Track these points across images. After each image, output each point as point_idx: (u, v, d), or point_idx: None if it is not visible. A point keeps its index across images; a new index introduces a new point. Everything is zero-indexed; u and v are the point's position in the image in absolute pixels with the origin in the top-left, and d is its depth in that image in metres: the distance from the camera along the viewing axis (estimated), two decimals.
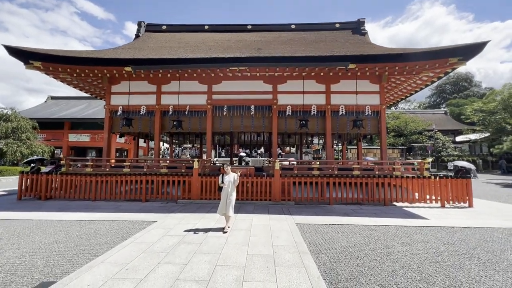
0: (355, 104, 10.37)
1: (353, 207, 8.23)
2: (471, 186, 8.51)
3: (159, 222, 6.17)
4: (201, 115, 10.87)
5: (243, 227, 5.77)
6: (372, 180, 8.72)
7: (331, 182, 8.72)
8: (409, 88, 11.51)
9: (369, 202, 8.64)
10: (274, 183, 8.60)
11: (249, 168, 9.10)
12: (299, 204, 8.61)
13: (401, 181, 8.66)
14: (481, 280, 3.38)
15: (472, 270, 3.67)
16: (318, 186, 8.83)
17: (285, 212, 7.33)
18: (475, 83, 63.78)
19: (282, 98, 10.73)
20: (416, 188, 8.59)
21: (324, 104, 10.60)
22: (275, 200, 8.53)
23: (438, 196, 8.49)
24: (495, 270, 3.70)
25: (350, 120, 10.52)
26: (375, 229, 5.73)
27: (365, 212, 7.42)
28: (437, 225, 6.12)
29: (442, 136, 30.75)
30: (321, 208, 8.04)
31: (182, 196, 8.86)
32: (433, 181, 8.58)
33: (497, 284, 3.28)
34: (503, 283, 3.32)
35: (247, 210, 7.56)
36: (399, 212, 7.56)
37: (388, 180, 8.67)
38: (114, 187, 9.08)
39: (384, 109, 10.69)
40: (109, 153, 10.98)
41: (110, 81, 11.02)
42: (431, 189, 8.55)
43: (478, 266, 3.83)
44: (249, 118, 10.86)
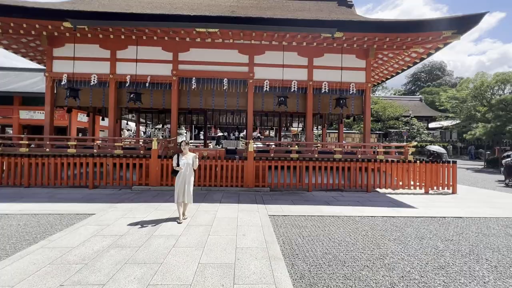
0: (339, 81, 9.35)
1: (334, 194, 7.42)
2: (456, 172, 8.03)
3: (97, 215, 4.86)
4: (165, 88, 9.30)
5: (203, 221, 4.65)
6: (355, 164, 7.92)
7: (311, 166, 7.81)
8: (396, 67, 10.69)
9: (350, 188, 7.88)
10: (247, 167, 7.51)
11: (219, 150, 7.90)
12: (275, 191, 7.65)
13: (385, 165, 7.95)
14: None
15: (487, 280, 2.87)
16: (297, 171, 7.89)
17: (258, 200, 6.32)
18: (448, 73, 66.25)
19: (260, 71, 9.43)
20: (400, 174, 7.95)
21: (305, 80, 9.48)
22: (248, 186, 7.49)
23: (423, 182, 7.93)
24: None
25: (333, 98, 9.52)
26: (361, 221, 4.88)
27: (347, 200, 6.61)
28: (427, 215, 5.43)
29: (417, 122, 31.36)
30: (300, 195, 7.14)
31: (139, 181, 7.51)
32: (418, 165, 7.96)
33: None
34: None
35: (214, 198, 6.44)
36: (383, 199, 6.85)
37: (372, 164, 7.92)
38: (54, 170, 7.49)
39: (370, 87, 9.81)
40: (52, 132, 9.18)
41: (50, 42, 8.99)
42: (415, 174, 7.95)
43: (491, 272, 3.05)
44: (221, 93, 9.50)
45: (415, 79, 64.57)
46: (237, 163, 7.60)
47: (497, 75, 27.28)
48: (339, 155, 8.50)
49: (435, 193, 7.86)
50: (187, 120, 16.10)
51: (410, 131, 29.80)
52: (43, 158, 7.56)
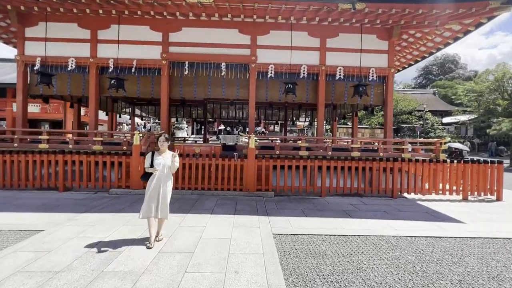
0: (358, 66, 7.95)
1: (352, 200, 6.10)
2: (502, 174, 6.61)
3: (45, 233, 3.66)
4: (153, 74, 8.03)
5: (183, 245, 3.40)
6: (377, 164, 6.56)
7: (324, 166, 6.48)
8: (422, 50, 9.16)
9: (372, 193, 6.54)
10: (248, 167, 6.23)
11: (214, 146, 6.63)
12: (280, 195, 6.37)
13: (414, 165, 6.57)
14: None
15: None
16: (307, 172, 6.58)
17: (260, 210, 5.04)
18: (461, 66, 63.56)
19: (263, 54, 8.07)
20: (430, 176, 6.56)
21: (317, 64, 8.08)
22: (248, 190, 6.22)
23: (460, 186, 6.54)
24: None
25: (349, 86, 8.14)
26: (399, 245, 3.57)
27: (371, 210, 5.29)
28: (484, 234, 4.08)
29: (431, 116, 29.57)
30: (311, 202, 5.84)
31: (118, 183, 6.31)
32: (453, 166, 6.57)
33: None
34: None
35: (205, 206, 5.19)
36: (416, 209, 5.51)
37: (398, 164, 6.55)
38: (19, 170, 6.33)
39: (393, 73, 8.37)
40: (25, 125, 8.03)
41: (21, 20, 7.75)
42: (451, 176, 6.56)
43: None
44: (219, 80, 8.18)
45: (426, 72, 62.16)
46: (236, 162, 6.33)
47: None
48: (357, 153, 7.14)
49: (476, 200, 6.47)
50: (185, 113, 14.82)
51: (424, 126, 28.09)
52: (12, 155, 6.40)
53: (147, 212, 3.35)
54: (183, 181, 6.22)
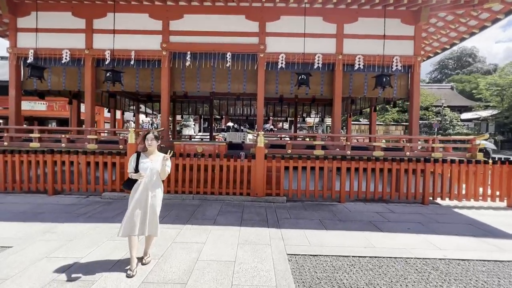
0: (379, 55, 7.04)
1: (376, 207, 5.27)
2: None
3: (10, 251, 3.02)
4: (153, 66, 7.38)
5: (174, 271, 2.68)
6: (406, 164, 5.68)
7: (344, 167, 5.65)
8: (453, 36, 8.08)
9: (399, 199, 5.68)
10: (256, 168, 5.48)
11: (218, 145, 5.90)
12: (293, 201, 5.59)
13: (449, 167, 5.66)
14: None
15: None
16: (324, 174, 5.76)
17: (271, 220, 4.30)
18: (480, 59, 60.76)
19: (273, 42, 7.27)
20: (467, 179, 5.63)
21: (333, 53, 7.22)
22: (257, 195, 5.47)
23: (504, 191, 5.59)
24: None
25: (370, 77, 7.26)
26: (452, 274, 2.75)
27: (402, 220, 4.46)
28: None
29: (450, 112, 27.98)
30: (329, 209, 5.04)
31: (112, 186, 5.68)
32: (497, 167, 5.62)
33: None
34: None
35: (207, 215, 4.48)
36: (456, 219, 4.63)
37: (431, 166, 5.65)
38: (4, 171, 5.80)
39: (419, 62, 7.41)
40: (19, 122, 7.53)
41: (12, 10, 7.22)
42: (493, 180, 5.61)
43: None
44: (224, 73, 7.44)
45: (442, 66, 59.80)
46: (242, 162, 5.59)
47: None
48: (380, 152, 6.28)
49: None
50: (191, 110, 14.17)
51: (441, 122, 26.60)
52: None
53: (129, 229, 2.67)
54: (183, 185, 5.54)
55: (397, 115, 27.03)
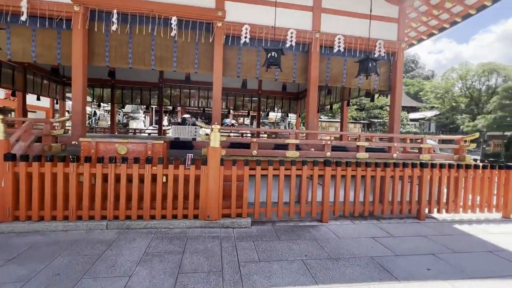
0: (363, 37, 5.87)
1: (369, 228, 4.01)
2: None
3: None
4: (60, 27, 5.07)
5: None
6: (402, 171, 4.53)
7: (327, 174, 4.26)
8: (444, 18, 7.08)
9: (392, 213, 4.52)
10: (208, 178, 3.76)
11: (153, 144, 3.99)
12: (262, 223, 4.03)
13: (448, 173, 4.69)
14: None
15: None
16: (302, 183, 4.32)
17: (228, 270, 2.64)
18: (420, 66, 67.65)
19: (235, 9, 5.56)
20: (456, 185, 4.73)
21: (310, 30, 5.81)
22: (209, 218, 3.77)
23: (499, 200, 4.85)
24: None
25: (350, 63, 6.07)
26: None
27: (409, 251, 3.22)
28: None
29: (401, 112, 29.66)
30: (311, 236, 3.59)
31: None
32: (492, 173, 4.83)
33: None
34: None
35: (120, 262, 2.64)
36: (469, 243, 3.58)
37: (428, 172, 4.60)
38: None
39: (403, 49, 6.47)
40: None
41: None
42: (490, 187, 4.82)
43: None
44: (168, 45, 5.49)
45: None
46: (188, 169, 3.81)
47: (482, 65, 26.12)
48: (364, 154, 5.09)
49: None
50: (136, 98, 11.55)
51: None
52: None
53: None
54: (92, 205, 3.54)
55: (356, 113, 27.65)
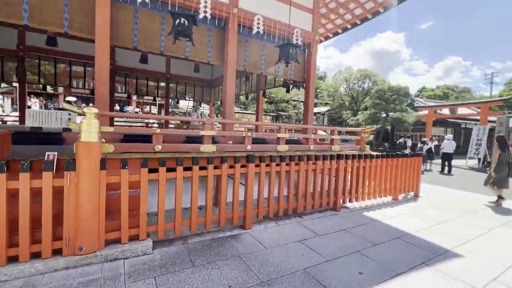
0: (283, 22, 5.51)
1: (294, 229, 3.66)
2: (421, 167, 6.17)
3: None
4: None
5: None
6: (322, 164, 4.41)
7: (251, 172, 3.62)
8: (357, 13, 7.49)
9: (313, 208, 4.37)
10: (79, 190, 2.44)
11: None
12: (169, 242, 3.02)
13: (364, 163, 4.92)
14: None
15: None
16: (221, 184, 3.52)
17: None
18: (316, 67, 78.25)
19: None
20: (365, 174, 5.12)
21: (227, 2, 4.97)
22: (81, 252, 2.47)
23: (391, 185, 5.53)
24: None
25: (269, 49, 5.64)
26: None
27: (337, 252, 3.00)
28: None
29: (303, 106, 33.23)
30: (234, 252, 2.88)
31: None
32: (385, 161, 5.43)
33: None
34: None
35: None
36: (382, 232, 3.72)
37: (348, 163, 4.67)
38: None
39: (317, 42, 6.56)
40: None
41: None
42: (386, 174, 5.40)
43: None
44: None
45: None
46: (47, 177, 2.35)
47: (360, 71, 32.13)
48: (284, 146, 4.77)
49: (404, 200, 5.67)
50: None
51: (298, 114, 31.07)
52: None
53: None
54: None
55: (267, 106, 29.00)
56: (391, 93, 19.79)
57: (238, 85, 9.63)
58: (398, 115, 18.95)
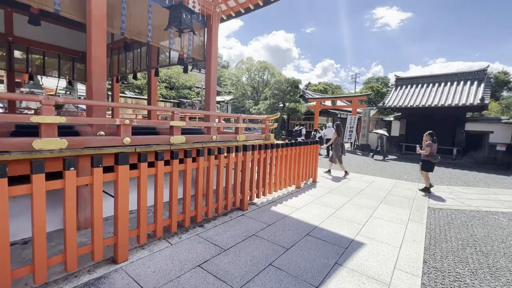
0: None
1: (195, 246, 2.80)
2: (318, 154, 6.46)
3: None
4: None
5: None
6: (235, 158, 3.67)
7: (118, 176, 2.45)
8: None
9: (218, 213, 3.60)
10: None
11: None
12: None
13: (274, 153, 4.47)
14: None
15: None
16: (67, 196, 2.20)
17: None
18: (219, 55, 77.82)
19: None
20: (270, 166, 4.83)
21: None
22: None
23: (295, 175, 5.48)
24: None
25: (160, 10, 4.34)
26: None
27: (248, 268, 2.38)
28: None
29: None
30: None
31: None
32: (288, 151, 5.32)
33: None
34: None
35: None
36: (293, 231, 3.38)
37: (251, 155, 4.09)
38: None
39: (219, 15, 5.68)
40: None
41: None
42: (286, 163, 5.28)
43: None
44: None
45: None
46: None
47: (260, 62, 33.74)
48: (180, 138, 3.77)
49: (306, 187, 5.76)
50: None
51: (201, 102, 29.71)
52: None
53: None
54: None
55: (165, 91, 26.10)
56: (287, 85, 21.53)
57: (124, 61, 7.63)
58: (293, 105, 20.85)
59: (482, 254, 3.10)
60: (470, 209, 4.87)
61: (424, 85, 14.69)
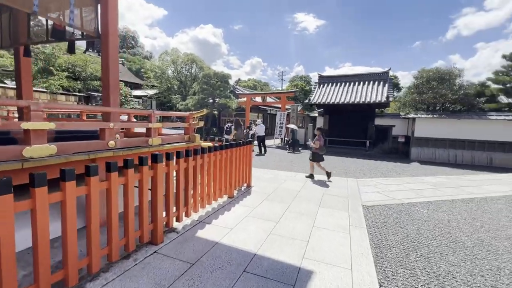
0: None
1: None
2: (252, 155, 5.76)
3: None
4: None
5: None
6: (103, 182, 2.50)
7: None
8: None
9: (110, 261, 2.42)
10: None
11: None
12: None
13: (201, 160, 3.44)
14: None
15: None
16: None
17: None
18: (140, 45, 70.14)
19: None
20: (194, 177, 3.87)
21: None
22: None
23: (227, 183, 4.64)
24: None
25: None
26: None
27: None
28: None
29: (124, 87, 27.91)
30: None
31: None
32: (217, 155, 4.44)
33: None
34: None
35: None
36: (221, 266, 2.53)
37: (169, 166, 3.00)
38: None
39: None
40: None
41: None
42: (215, 171, 4.39)
43: None
44: None
45: None
46: None
47: (187, 55, 31.55)
48: (44, 149, 2.42)
49: (240, 194, 4.99)
50: None
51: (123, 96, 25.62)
52: None
53: None
54: None
55: (67, 82, 21.21)
56: (217, 80, 20.47)
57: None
58: (223, 101, 19.95)
59: (424, 259, 2.95)
60: (396, 202, 5.05)
61: (342, 83, 16.05)
